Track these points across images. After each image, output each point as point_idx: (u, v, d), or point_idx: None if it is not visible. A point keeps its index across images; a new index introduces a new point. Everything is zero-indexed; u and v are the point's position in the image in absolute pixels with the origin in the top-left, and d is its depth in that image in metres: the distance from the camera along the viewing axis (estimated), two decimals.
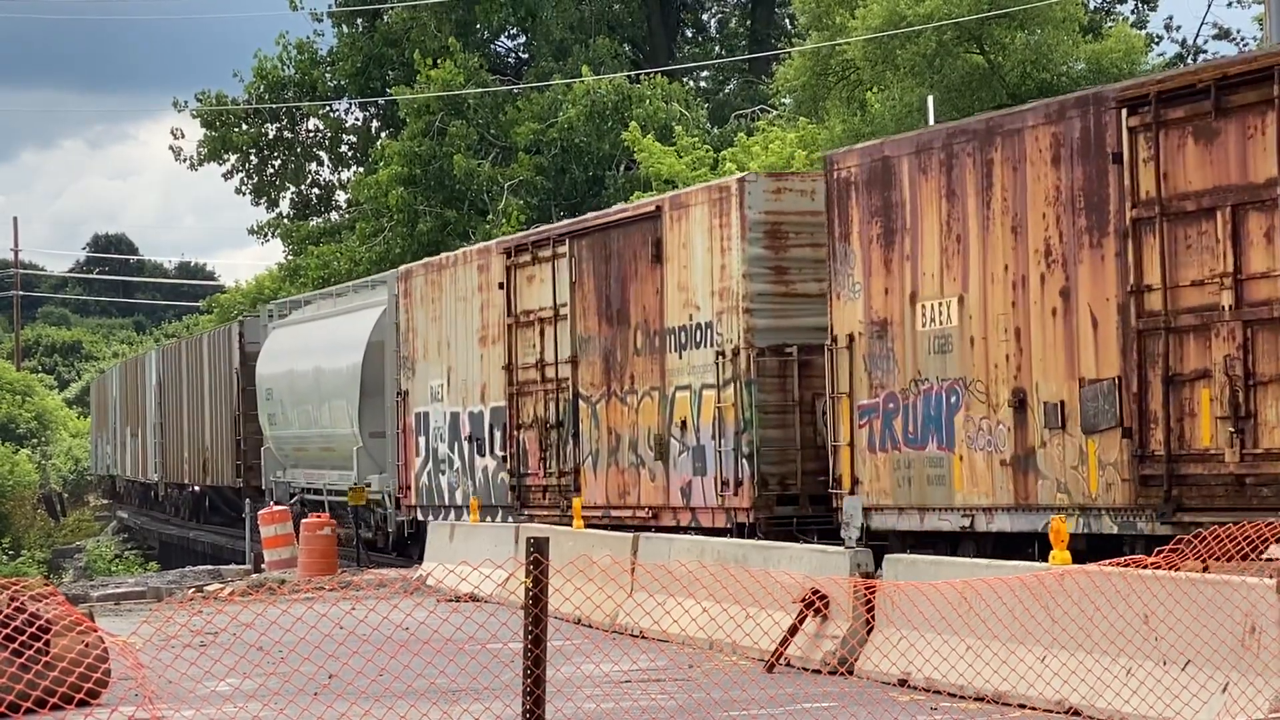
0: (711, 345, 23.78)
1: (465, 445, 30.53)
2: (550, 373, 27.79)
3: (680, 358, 24.49)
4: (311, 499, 38.99)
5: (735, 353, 23.28)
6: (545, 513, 27.99)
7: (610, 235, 26.30)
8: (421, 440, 32.34)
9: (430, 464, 32.02)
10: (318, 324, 39.19)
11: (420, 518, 32.25)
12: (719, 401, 23.52)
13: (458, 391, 30.86)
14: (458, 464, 30.92)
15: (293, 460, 40.38)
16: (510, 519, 28.54)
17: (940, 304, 20.47)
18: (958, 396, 20.23)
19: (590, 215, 28.30)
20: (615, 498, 25.99)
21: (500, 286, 29.21)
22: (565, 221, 29.51)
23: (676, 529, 24.26)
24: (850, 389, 21.71)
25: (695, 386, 24.12)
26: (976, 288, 19.98)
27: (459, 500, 30.75)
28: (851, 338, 21.73)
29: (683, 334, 24.46)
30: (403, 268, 33.91)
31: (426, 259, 33.82)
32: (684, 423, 24.28)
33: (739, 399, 23.23)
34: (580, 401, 27.01)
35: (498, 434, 29.42)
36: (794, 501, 23.04)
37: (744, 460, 23.10)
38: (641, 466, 25.40)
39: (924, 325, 20.74)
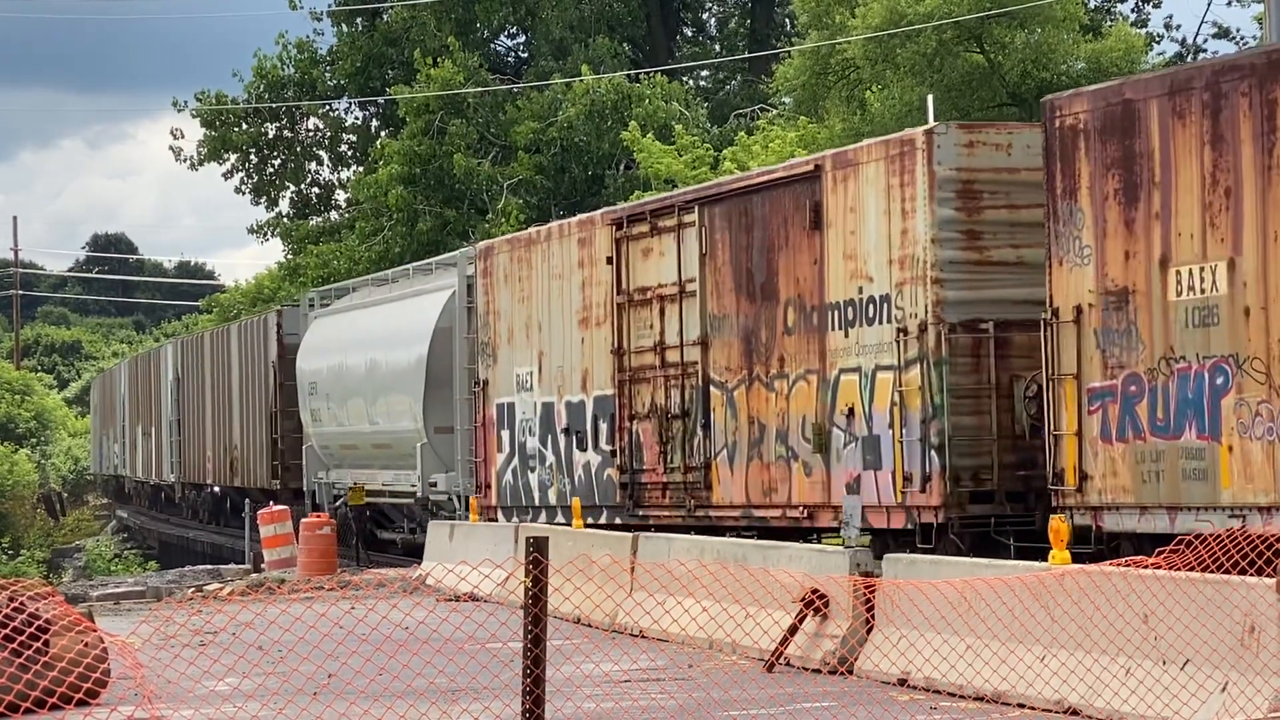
0: (889, 321, 20.93)
1: (561, 439, 27.56)
2: (673, 357, 24.92)
3: (846, 336, 21.62)
4: (368, 500, 36.44)
5: (921, 329, 20.44)
6: (666, 514, 24.94)
7: (752, 201, 23.35)
8: (505, 434, 29.28)
9: (516, 461, 28.95)
10: (370, 311, 36.30)
11: (501, 519, 29.23)
12: (900, 385, 20.61)
13: (552, 380, 27.90)
14: (551, 460, 27.94)
15: (339, 460, 37.56)
16: (619, 521, 25.63)
17: (1202, 269, 17.64)
18: (1226, 377, 17.42)
19: (725, 179, 25.09)
20: (758, 496, 23.03)
21: (608, 262, 26.20)
22: (693, 187, 26.30)
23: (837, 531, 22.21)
24: (1078, 369, 18.72)
25: (866, 368, 21.26)
26: (1253, 250, 17.15)
27: (552, 500, 27.76)
28: (1079, 310, 18.76)
29: (849, 309, 21.59)
30: (481, 244, 30.87)
31: (512, 234, 31.11)
32: (851, 410, 21.49)
33: (926, 381, 20.36)
34: (712, 388, 24.06)
35: (603, 426, 26.44)
36: (988, 499, 20.22)
37: (932, 452, 20.23)
38: (793, 460, 22.39)
39: (1179, 294, 17.88)
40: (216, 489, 49.32)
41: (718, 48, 60.91)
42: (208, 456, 49.35)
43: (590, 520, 26.12)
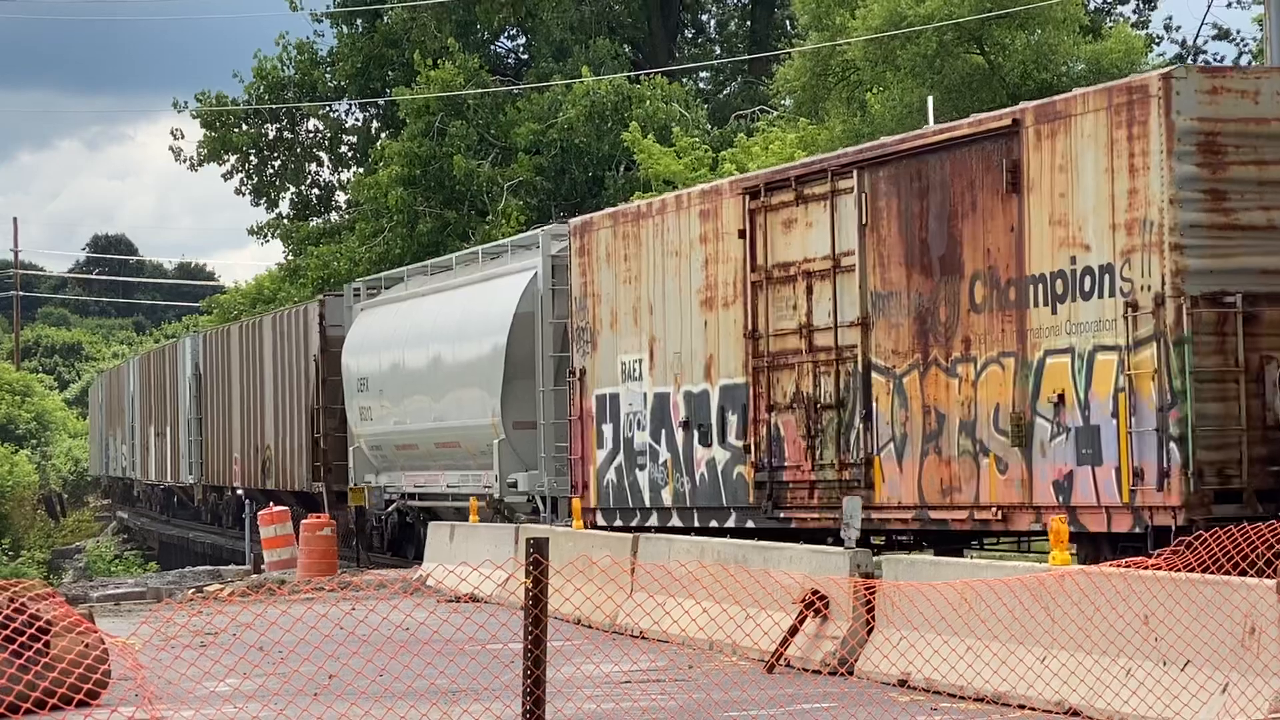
0: (1112, 295, 18.39)
1: (679, 434, 24.80)
2: (823, 340, 22.27)
3: (1054, 313, 19.01)
4: (421, 505, 33.95)
5: (1157, 303, 17.93)
6: (815, 515, 22.41)
7: (927, 162, 20.62)
8: (607, 429, 26.50)
9: (621, 457, 26.14)
10: (432, 300, 33.72)
11: (602, 522, 26.41)
12: (1128, 368, 18.18)
13: (667, 367, 25.19)
14: (665, 457, 25.13)
15: (391, 461, 35.03)
16: (751, 524, 23.27)
17: None
18: None
19: (890, 139, 22.23)
20: (934, 495, 20.39)
21: (740, 235, 23.53)
22: (849, 149, 23.20)
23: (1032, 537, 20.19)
24: None
25: (1083, 349, 18.69)
26: None
27: (666, 501, 25.07)
28: None
29: (1058, 282, 19.00)
30: (576, 221, 27.92)
31: (615, 207, 28.51)
32: (1060, 397, 18.90)
33: (1162, 363, 17.87)
34: (874, 374, 21.39)
35: (732, 419, 23.73)
36: (1235, 499, 17.77)
37: (1171, 444, 17.76)
38: (982, 455, 19.77)
39: None
40: (240, 491, 45.93)
41: (718, 49, 60.92)
42: (234, 458, 46.36)
43: (715, 524, 23.77)
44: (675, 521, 24.79)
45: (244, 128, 58.41)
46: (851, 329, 21.80)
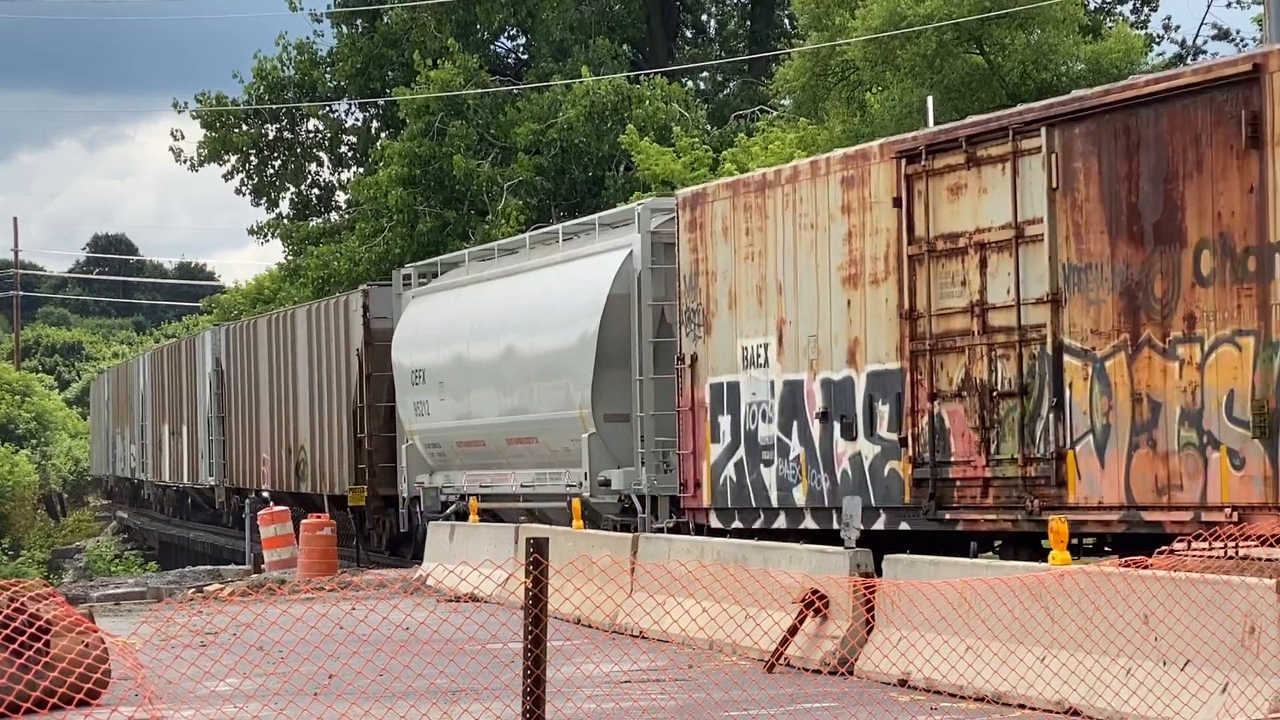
0: None
1: (815, 426, 22.43)
2: (1001, 319, 19.92)
3: None
4: (484, 507, 30.68)
5: None
6: (990, 517, 20.02)
7: (1137, 116, 18.42)
8: (724, 421, 24.08)
9: (742, 453, 23.72)
10: (500, 285, 31.23)
11: (716, 524, 24.02)
12: None
13: (800, 353, 22.75)
14: (798, 452, 22.71)
15: (450, 460, 32.40)
16: (906, 526, 20.99)
17: None
18: None
19: (1088, 91, 19.79)
20: (1146, 494, 18.22)
21: (895, 204, 21.13)
22: (1034, 104, 20.60)
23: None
24: None
25: None
26: None
27: (798, 500, 22.62)
28: None
29: None
30: (685, 192, 25.43)
31: (735, 176, 25.65)
32: None
33: None
34: (1067, 357, 19.13)
35: (882, 408, 21.36)
36: None
37: None
38: (1210, 448, 17.53)
39: None
40: (266, 494, 42.31)
41: (718, 49, 60.93)
42: (263, 459, 43.37)
43: (866, 527, 20.94)
44: (809, 523, 22.33)
45: (244, 128, 58.44)
46: (1038, 307, 19.44)
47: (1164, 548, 14.47)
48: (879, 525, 21.16)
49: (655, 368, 26.42)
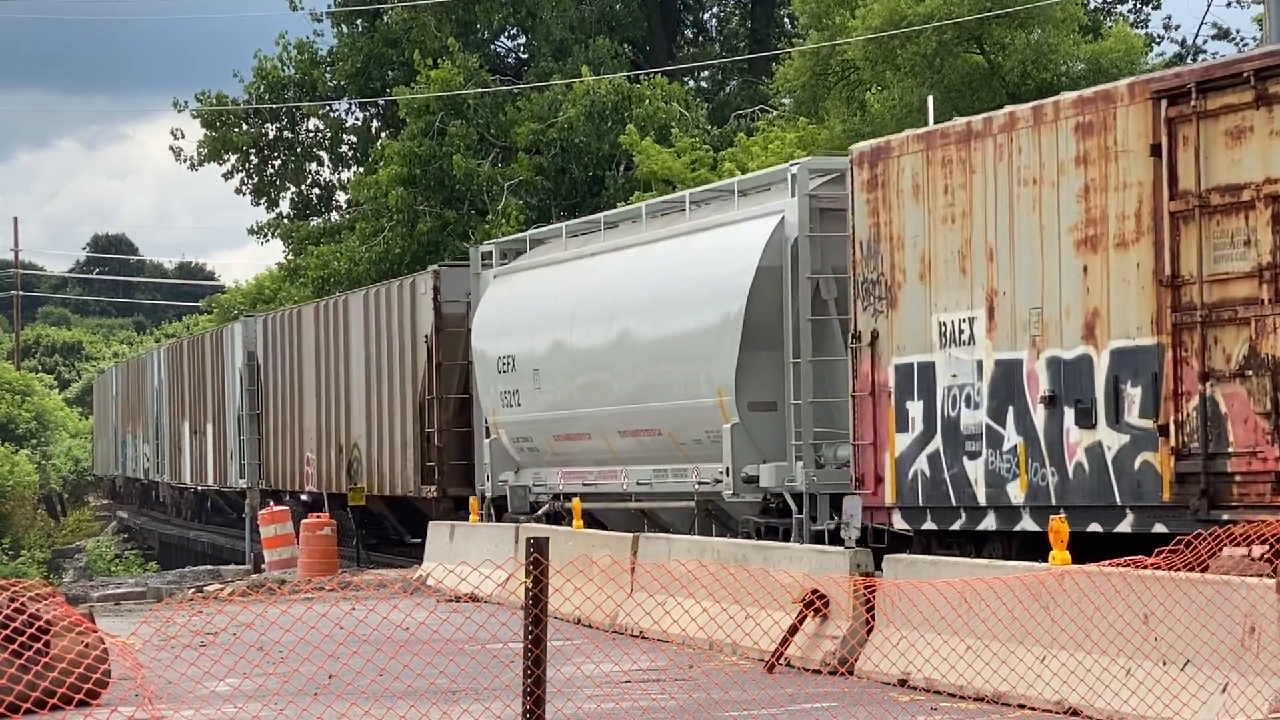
0: None
1: (1039, 412, 19.44)
2: None
3: None
4: (596, 507, 27.73)
5: None
6: None
7: None
8: (914, 407, 21.09)
9: (938, 443, 20.73)
10: (610, 259, 27.98)
11: (902, 524, 21.18)
12: None
13: (1017, 327, 19.77)
14: (1015, 442, 19.75)
15: (542, 455, 29.20)
16: (1162, 529, 17.94)
17: None
18: None
19: None
20: None
21: (1153, 152, 18.20)
22: None
23: None
24: None
25: None
26: None
27: (1014, 498, 19.65)
28: None
29: None
30: (863, 146, 22.23)
31: (927, 127, 21.90)
32: None
33: None
34: None
35: (1131, 391, 18.44)
36: None
37: None
38: None
39: None
40: (305, 496, 40.03)
41: (718, 48, 60.93)
42: (307, 459, 40.04)
43: (1099, 528, 18.48)
44: (1028, 524, 19.45)
45: (244, 127, 58.44)
46: None
47: (1163, 548, 14.46)
48: (1125, 526, 18.30)
49: (815, 349, 23.40)
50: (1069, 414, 19.03)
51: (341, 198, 59.96)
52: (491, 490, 30.15)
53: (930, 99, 26.50)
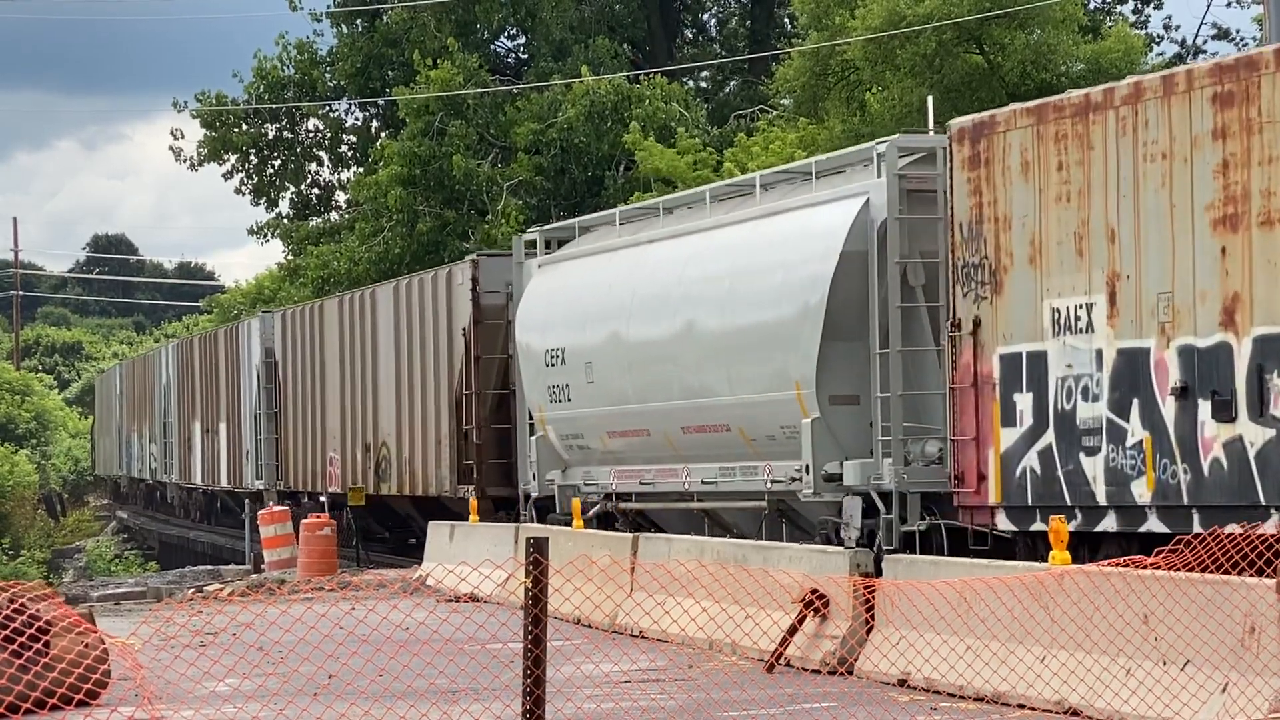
0: None
1: (1168, 404, 18.14)
2: None
3: None
4: (638, 508, 26.88)
5: None
6: None
7: None
8: (1022, 400, 19.86)
9: (1050, 437, 19.46)
10: (671, 246, 26.46)
11: (1008, 525, 19.84)
12: None
13: (1144, 313, 18.46)
14: (1140, 436, 18.43)
15: (593, 453, 27.78)
16: None
17: None
18: None
19: None
20: None
21: None
22: None
23: None
24: None
25: None
26: None
27: (1139, 497, 18.27)
28: None
29: None
30: (963, 121, 20.98)
31: (1032, 101, 20.72)
32: None
33: None
34: None
35: (1277, 381, 17.15)
36: None
37: None
38: None
39: None
40: (324, 498, 38.63)
41: (718, 48, 60.94)
42: (330, 458, 38.60)
43: (1236, 529, 16.34)
44: (1155, 525, 18.07)
45: (244, 127, 58.44)
46: None
47: (1163, 548, 14.46)
48: (1269, 528, 16.60)
49: (905, 338, 21.95)
50: (1204, 406, 17.66)
51: (341, 198, 59.99)
52: (538, 490, 28.71)
53: (930, 99, 26.50)
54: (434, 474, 32.92)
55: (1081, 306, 19.06)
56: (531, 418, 29.15)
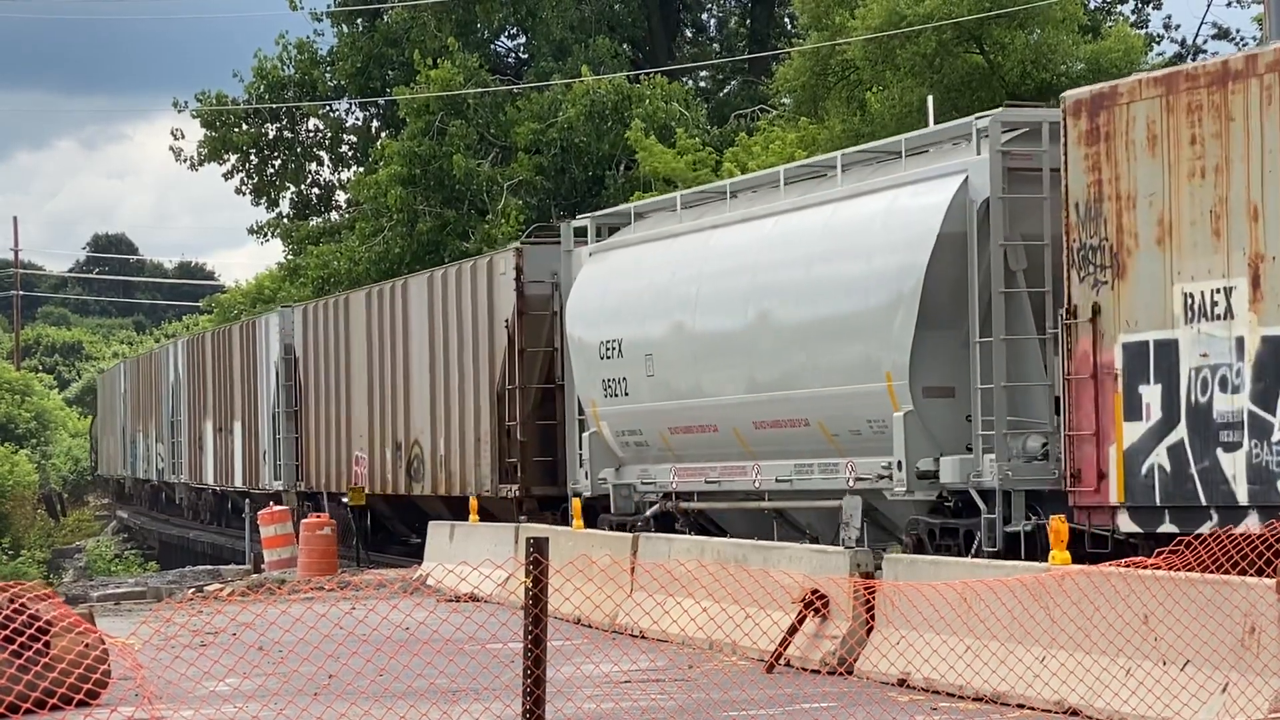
0: None
1: None
2: None
3: None
4: (701, 507, 25.61)
5: None
6: None
7: None
8: (1149, 392, 18.31)
9: (1182, 433, 18.02)
10: (740, 231, 24.88)
11: (1132, 527, 18.50)
12: None
13: None
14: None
15: (650, 450, 26.32)
16: None
17: None
18: None
19: None
20: None
21: None
22: None
23: None
24: None
25: None
26: None
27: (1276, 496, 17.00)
28: None
29: None
30: (1079, 93, 19.38)
31: (1159, 70, 19.41)
32: None
33: None
34: None
35: None
36: None
37: None
38: None
39: None
40: (345, 499, 37.15)
41: (718, 48, 60.94)
42: (356, 457, 37.10)
43: None
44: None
45: (244, 127, 58.45)
46: None
47: (1163, 548, 14.46)
48: None
49: (1009, 326, 20.53)
50: None
51: (341, 197, 60.00)
52: (591, 489, 27.17)
53: (930, 99, 26.50)
54: (473, 473, 31.37)
55: (1219, 291, 17.60)
56: (582, 413, 27.78)
